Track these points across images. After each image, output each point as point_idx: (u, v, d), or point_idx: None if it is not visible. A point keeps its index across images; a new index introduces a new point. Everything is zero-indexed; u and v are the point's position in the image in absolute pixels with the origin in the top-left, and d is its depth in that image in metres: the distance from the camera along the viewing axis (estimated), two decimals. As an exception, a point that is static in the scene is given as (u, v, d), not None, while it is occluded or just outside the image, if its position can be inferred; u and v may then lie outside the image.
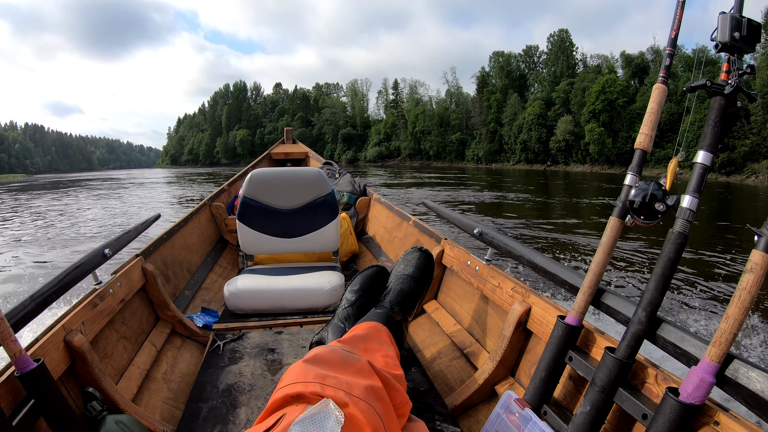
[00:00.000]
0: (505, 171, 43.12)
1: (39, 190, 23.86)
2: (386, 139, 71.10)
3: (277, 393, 0.82)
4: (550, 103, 50.47)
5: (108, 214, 11.80)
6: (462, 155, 60.50)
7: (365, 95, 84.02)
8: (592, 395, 0.90)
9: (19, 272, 5.60)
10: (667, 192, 0.94)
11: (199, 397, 1.33)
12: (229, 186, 3.55)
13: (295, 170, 2.30)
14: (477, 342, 1.57)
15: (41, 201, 16.56)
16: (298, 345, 1.65)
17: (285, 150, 4.88)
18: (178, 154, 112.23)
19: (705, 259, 5.81)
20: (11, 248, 7.25)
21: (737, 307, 0.71)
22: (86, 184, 28.56)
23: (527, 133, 50.65)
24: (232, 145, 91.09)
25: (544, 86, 54.51)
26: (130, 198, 17.29)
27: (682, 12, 1.02)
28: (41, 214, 12.26)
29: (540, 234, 7.87)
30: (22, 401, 0.95)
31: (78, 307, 1.28)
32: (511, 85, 57.59)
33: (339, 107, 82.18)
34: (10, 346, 0.92)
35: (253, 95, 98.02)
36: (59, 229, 9.26)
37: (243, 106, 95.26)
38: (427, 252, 1.48)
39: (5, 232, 9.15)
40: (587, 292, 1.04)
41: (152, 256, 1.95)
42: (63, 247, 7.27)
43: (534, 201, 14.16)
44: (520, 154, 51.98)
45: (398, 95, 77.25)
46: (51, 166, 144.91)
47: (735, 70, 0.86)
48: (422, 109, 66.40)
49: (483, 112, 57.57)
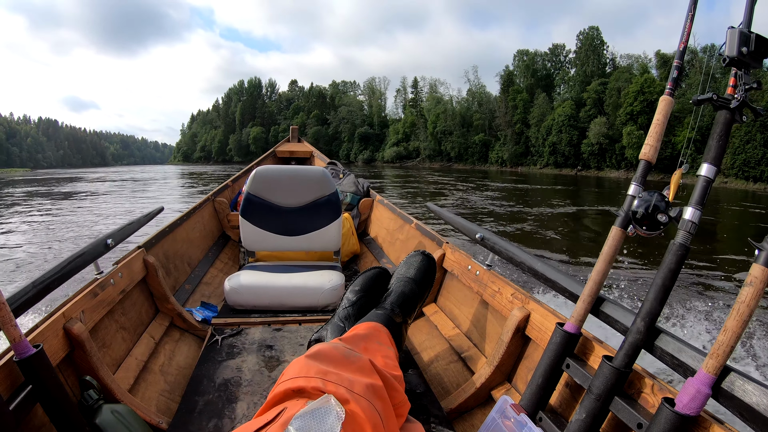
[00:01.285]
0: (531, 175, 41.13)
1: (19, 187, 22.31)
2: (405, 139, 68.33)
3: (278, 387, 0.82)
4: (581, 104, 47.58)
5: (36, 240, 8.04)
6: (485, 157, 57.19)
7: (383, 94, 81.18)
8: (588, 403, 0.91)
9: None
10: (670, 203, 0.94)
11: (195, 391, 1.34)
12: (233, 182, 3.56)
13: (300, 169, 2.31)
14: (475, 346, 1.58)
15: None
16: (297, 343, 1.66)
17: (290, 148, 4.90)
18: (190, 150, 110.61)
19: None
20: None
21: (736, 320, 0.72)
22: (80, 179, 27.32)
23: (557, 135, 47.45)
24: (245, 143, 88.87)
25: (574, 86, 51.48)
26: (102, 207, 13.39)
27: (692, 25, 1.02)
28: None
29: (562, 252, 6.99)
30: (20, 386, 0.96)
31: (79, 296, 1.29)
32: (537, 84, 54.65)
33: (356, 105, 79.42)
34: (10, 331, 0.93)
35: (268, 92, 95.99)
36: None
37: (257, 103, 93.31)
38: (429, 256, 1.48)
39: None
40: (587, 300, 1.05)
41: (154, 248, 1.96)
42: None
43: (564, 214, 12.38)
44: (549, 158, 48.80)
45: (417, 94, 74.25)
46: (63, 160, 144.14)
47: (741, 84, 0.87)
48: (443, 108, 62.87)
49: (508, 112, 54.49)
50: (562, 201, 16.01)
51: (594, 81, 48.04)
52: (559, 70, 56.69)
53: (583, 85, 49.44)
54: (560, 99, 51.51)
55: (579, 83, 50.53)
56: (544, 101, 51.28)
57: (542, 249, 7.27)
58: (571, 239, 8.52)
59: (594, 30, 53.13)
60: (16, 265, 5.80)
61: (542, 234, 8.85)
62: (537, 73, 56.03)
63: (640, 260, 6.18)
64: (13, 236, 8.24)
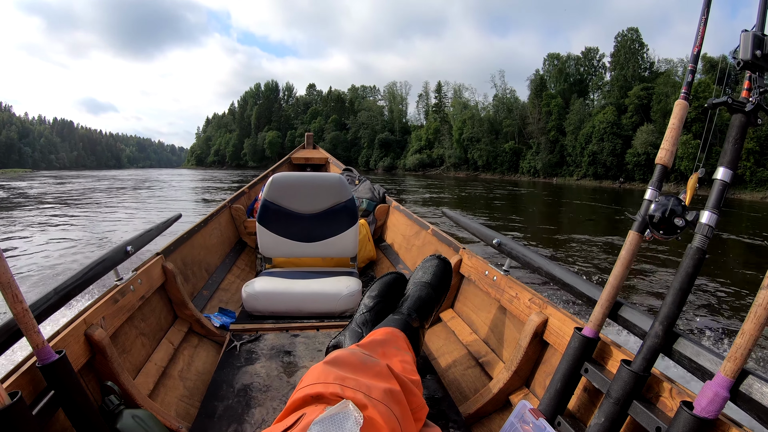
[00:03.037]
0: (567, 187, 37.27)
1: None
2: (428, 146, 65.20)
3: (297, 393, 0.84)
4: (621, 110, 44.13)
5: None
6: (515, 167, 53.38)
7: (404, 99, 77.71)
8: (607, 407, 0.91)
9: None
10: (686, 207, 0.94)
11: (214, 396, 1.36)
12: (249, 189, 3.61)
13: (317, 175, 2.33)
14: (493, 352, 1.58)
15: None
16: (315, 348, 1.67)
17: (305, 155, 4.94)
18: (204, 154, 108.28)
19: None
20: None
21: (753, 323, 0.72)
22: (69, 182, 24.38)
23: (598, 144, 43.48)
24: (260, 147, 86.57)
25: (612, 91, 47.47)
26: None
27: (705, 29, 1.03)
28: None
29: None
30: (42, 391, 0.98)
31: (99, 302, 1.32)
32: (571, 90, 51.37)
33: (376, 110, 76.40)
34: (33, 338, 0.95)
35: (285, 96, 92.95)
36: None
37: (274, 106, 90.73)
38: (445, 260, 1.49)
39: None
40: (605, 305, 1.05)
41: (172, 255, 1.99)
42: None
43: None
44: (588, 168, 44.84)
45: (441, 99, 70.96)
46: (78, 162, 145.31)
47: (756, 87, 0.87)
48: (470, 113, 59.02)
49: (542, 118, 50.68)
50: (607, 222, 13.30)
51: (635, 86, 44.54)
52: (593, 75, 53.36)
53: (622, 90, 46.10)
54: (597, 105, 48.12)
55: (618, 88, 46.89)
56: (580, 106, 48.18)
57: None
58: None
59: (633, 31, 49.42)
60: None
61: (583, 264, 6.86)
62: (570, 78, 53.18)
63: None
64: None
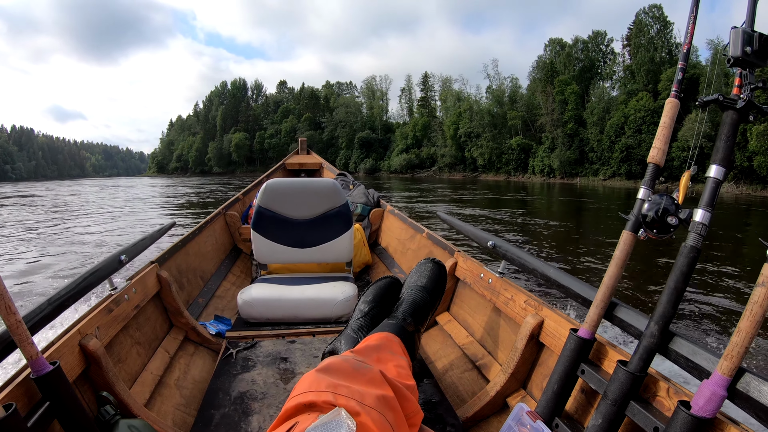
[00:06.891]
0: (592, 189, 30.26)
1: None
2: (415, 145, 58.37)
3: (289, 402, 0.83)
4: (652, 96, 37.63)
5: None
6: (524, 166, 46.22)
7: (385, 93, 71.28)
8: (604, 408, 0.90)
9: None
10: (679, 206, 0.94)
11: (211, 404, 1.35)
12: (244, 195, 3.60)
13: (311, 181, 2.33)
14: (489, 354, 1.57)
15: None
16: (311, 354, 1.66)
17: (299, 160, 4.94)
18: (166, 161, 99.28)
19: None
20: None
21: (749, 321, 0.71)
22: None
23: (634, 137, 36.60)
24: (226, 151, 79.28)
25: (639, 74, 40.27)
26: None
27: (694, 27, 1.03)
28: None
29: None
30: (37, 403, 0.97)
31: (94, 312, 1.30)
32: (580, 77, 44.72)
33: (354, 107, 69.47)
34: (27, 349, 0.93)
35: (254, 94, 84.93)
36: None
37: (241, 106, 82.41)
38: (439, 263, 1.48)
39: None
40: (600, 305, 1.04)
41: (167, 263, 1.98)
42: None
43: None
44: (619, 166, 37.90)
45: (428, 92, 64.65)
46: (37, 172, 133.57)
47: (747, 84, 0.87)
48: (467, 105, 51.56)
49: (556, 109, 43.30)
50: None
51: (666, 69, 38.32)
52: (603, 60, 46.56)
53: (650, 74, 39.55)
54: (621, 92, 40.95)
55: (645, 72, 39.97)
56: (603, 92, 41.38)
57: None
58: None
59: (655, 8, 42.25)
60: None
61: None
62: (579, 63, 46.55)
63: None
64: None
